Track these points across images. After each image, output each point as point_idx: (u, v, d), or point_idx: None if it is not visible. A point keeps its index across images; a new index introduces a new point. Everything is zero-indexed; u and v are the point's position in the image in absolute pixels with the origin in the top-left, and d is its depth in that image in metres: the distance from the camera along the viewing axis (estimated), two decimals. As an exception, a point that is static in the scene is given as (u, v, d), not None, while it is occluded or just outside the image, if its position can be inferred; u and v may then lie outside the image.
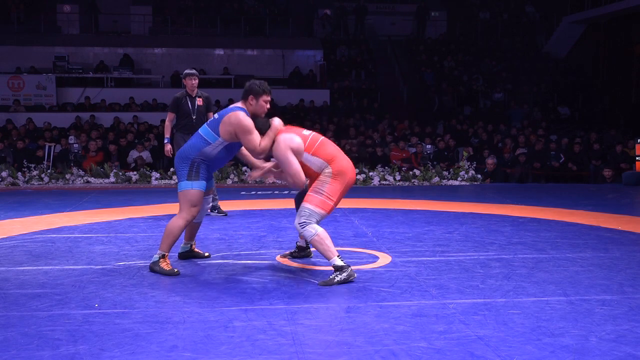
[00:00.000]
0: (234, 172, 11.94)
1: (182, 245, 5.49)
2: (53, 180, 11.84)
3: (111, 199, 9.51)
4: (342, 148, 6.73)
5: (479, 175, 12.28)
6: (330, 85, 20.17)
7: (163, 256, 4.95)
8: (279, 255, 5.54)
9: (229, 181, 11.78)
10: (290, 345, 3.38)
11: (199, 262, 5.32)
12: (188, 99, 7.77)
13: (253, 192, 10.45)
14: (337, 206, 5.03)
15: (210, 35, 22.10)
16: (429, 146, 14.12)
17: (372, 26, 23.56)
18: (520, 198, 9.70)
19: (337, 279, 4.64)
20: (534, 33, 23.31)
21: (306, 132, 4.99)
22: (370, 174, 11.96)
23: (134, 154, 13.51)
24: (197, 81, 7.85)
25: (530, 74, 20.55)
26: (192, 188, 4.87)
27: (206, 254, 5.55)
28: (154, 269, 4.93)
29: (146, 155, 13.54)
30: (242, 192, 10.47)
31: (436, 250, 5.82)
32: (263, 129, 4.89)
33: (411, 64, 21.50)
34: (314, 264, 5.32)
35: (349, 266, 4.73)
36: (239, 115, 4.79)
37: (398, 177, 11.99)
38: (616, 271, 5.06)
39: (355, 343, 3.42)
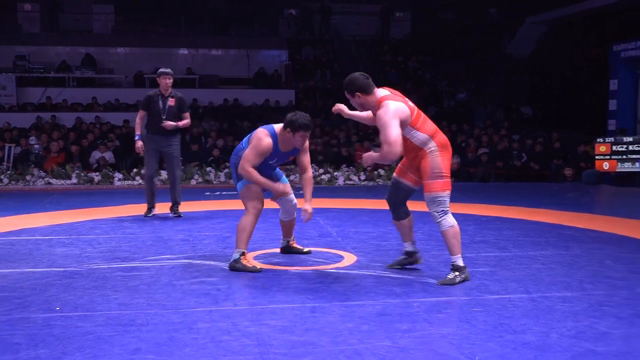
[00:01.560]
0: (198, 172, 11.86)
1: (281, 241, 5.74)
2: (13, 182, 11.64)
3: (73, 200, 9.38)
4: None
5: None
6: (295, 85, 20.17)
7: (243, 253, 5.03)
8: (387, 265, 5.24)
9: (193, 181, 11.70)
10: (255, 345, 3.37)
11: (163, 264, 5.27)
12: (160, 99, 7.70)
13: (217, 193, 10.39)
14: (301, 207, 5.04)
15: (174, 35, 21.94)
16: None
17: (337, 26, 23.62)
18: (483, 197, 9.80)
19: (458, 279, 4.63)
20: (497, 34, 23.59)
21: (410, 103, 4.75)
22: (335, 173, 11.99)
23: (96, 154, 13.35)
24: (171, 81, 7.78)
25: (493, 75, 20.79)
26: (243, 186, 5.11)
27: (306, 250, 5.68)
28: (235, 267, 4.99)
29: (109, 155, 13.38)
30: (207, 193, 10.41)
31: (400, 250, 5.83)
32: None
33: (376, 64, 21.60)
34: (279, 264, 5.31)
35: (466, 268, 4.72)
36: (262, 134, 5.02)
37: (363, 177, 12.04)
38: (576, 268, 5.14)
39: (319, 343, 3.42)
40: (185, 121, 7.81)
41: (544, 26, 21.45)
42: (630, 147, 12.00)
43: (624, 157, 12.02)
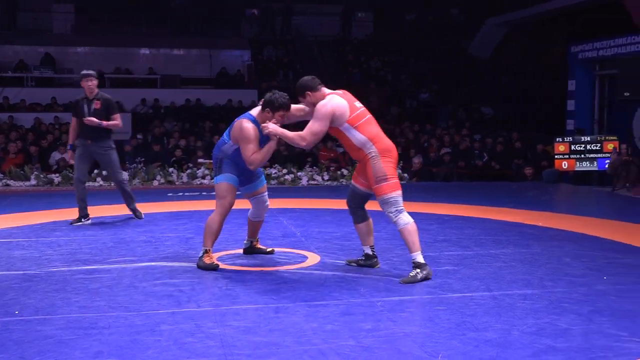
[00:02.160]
0: (161, 173, 11.76)
1: (244, 241, 5.72)
2: (-30, 184, 11.40)
3: (32, 202, 9.22)
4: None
5: (406, 175, 12.45)
6: (258, 85, 20.10)
7: (206, 251, 5.09)
8: (346, 260, 5.38)
9: (155, 182, 11.60)
10: (219, 347, 3.36)
11: (125, 266, 5.21)
12: (85, 102, 7.47)
13: (180, 194, 10.31)
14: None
15: (135, 35, 21.67)
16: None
17: (299, 26, 23.60)
18: (445, 196, 9.89)
19: (419, 276, 4.70)
20: (459, 34, 23.80)
21: (358, 104, 4.96)
22: (299, 174, 11.99)
23: (56, 155, 13.13)
24: (94, 82, 7.51)
25: (455, 75, 20.98)
26: (218, 182, 5.08)
27: (269, 250, 5.66)
28: (198, 264, 5.09)
29: (69, 156, 13.17)
30: (169, 194, 10.32)
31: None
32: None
33: (338, 65, 21.64)
34: (243, 265, 5.29)
35: (427, 265, 4.78)
36: (242, 123, 4.97)
37: (326, 177, 12.05)
38: (537, 266, 5.22)
39: (284, 343, 3.42)
40: (114, 122, 7.44)
41: (505, 27, 21.71)
42: (588, 147, 12.22)
43: (583, 156, 12.24)
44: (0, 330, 3.60)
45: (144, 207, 8.23)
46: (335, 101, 4.82)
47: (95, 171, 11.62)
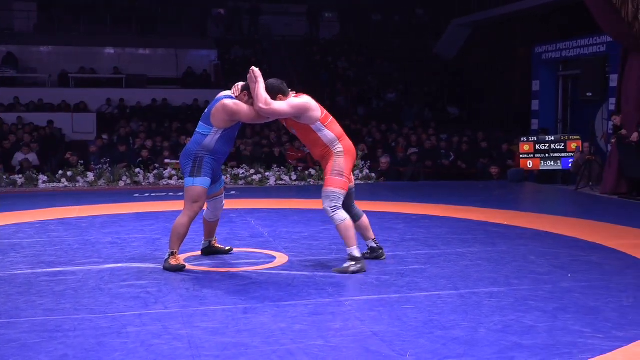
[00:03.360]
0: (127, 174, 11.64)
1: (202, 242, 5.65)
2: None
3: (-5, 204, 9.05)
4: (237, 149, 6.70)
5: (373, 174, 12.50)
6: (225, 85, 19.98)
7: (172, 254, 5.03)
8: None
9: (122, 183, 11.48)
10: (187, 349, 3.34)
11: (91, 268, 5.14)
12: None
13: (147, 195, 10.22)
14: (234, 207, 5.03)
15: (100, 34, 21.41)
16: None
17: (266, 26, 23.55)
18: (412, 196, 9.95)
19: (353, 268, 4.91)
20: (424, 35, 23.96)
21: (321, 108, 5.09)
22: (267, 174, 11.96)
23: (19, 156, 12.93)
24: None
25: (421, 75, 21.12)
26: (194, 184, 5.00)
27: (227, 248, 5.65)
28: (164, 267, 5.05)
29: (32, 157, 12.98)
30: (136, 195, 10.22)
31: (332, 249, 5.88)
32: (275, 89, 4.97)
33: (306, 65, 21.64)
34: (210, 265, 5.26)
35: (363, 259, 4.99)
36: (224, 102, 4.96)
37: (294, 177, 12.04)
38: (503, 264, 5.28)
39: (252, 344, 3.41)
40: None
41: (470, 28, 21.92)
42: (553, 146, 12.40)
43: (547, 155, 12.41)
44: (-37, 334, 3.54)
45: (109, 209, 8.15)
46: (309, 99, 5.00)
47: (60, 172, 11.47)
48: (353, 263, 4.94)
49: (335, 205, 4.93)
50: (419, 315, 3.91)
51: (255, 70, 4.94)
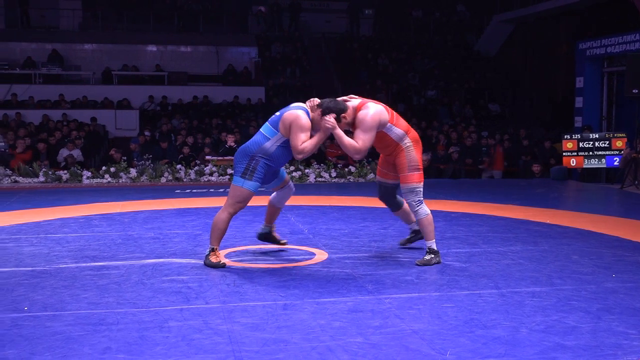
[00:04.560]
0: (168, 170, 11.78)
1: (262, 226, 5.59)
2: (-22, 180, 11.44)
3: (40, 199, 9.24)
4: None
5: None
6: (265, 82, 20.10)
7: (213, 249, 5.08)
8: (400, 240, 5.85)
9: (163, 179, 11.62)
10: (227, 344, 3.36)
11: (133, 263, 5.22)
12: None
13: (188, 191, 10.33)
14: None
15: (142, 31, 21.70)
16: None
17: (306, 23, 23.58)
18: (453, 193, 9.87)
19: (434, 261, 5.12)
20: (465, 31, 23.75)
21: (382, 104, 5.17)
22: (306, 171, 11.99)
23: (64, 152, 13.18)
24: None
25: (461, 72, 20.94)
26: (243, 186, 4.99)
27: (283, 241, 5.65)
28: (205, 262, 5.09)
29: (77, 153, 13.23)
30: (177, 191, 10.34)
31: (372, 246, 5.87)
32: (338, 109, 4.99)
33: (345, 61, 21.61)
34: (250, 261, 5.30)
35: (439, 252, 5.22)
36: (297, 112, 4.96)
37: (334, 174, 12.05)
38: (545, 263, 5.21)
39: (292, 340, 3.42)
40: None
41: (511, 24, 21.67)
42: (597, 144, 12.19)
43: (591, 153, 12.20)
44: (10, 326, 3.62)
45: (151, 204, 8.25)
46: (376, 109, 5.02)
47: (103, 168, 11.66)
48: (433, 256, 5.14)
49: (420, 199, 5.14)
50: (459, 314, 3.88)
51: (331, 121, 4.92)
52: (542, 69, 20.51)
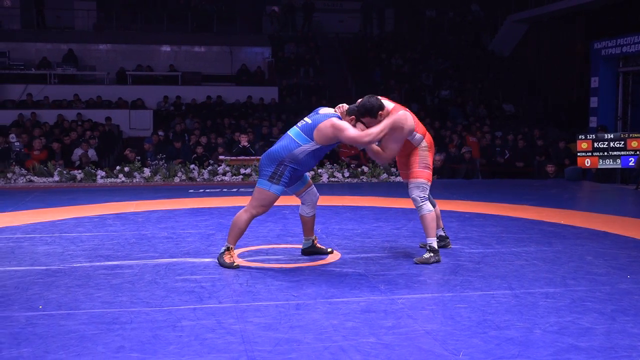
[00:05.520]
0: (182, 170, 11.82)
1: (304, 241, 5.55)
2: (-6, 180, 11.53)
3: (55, 198, 9.31)
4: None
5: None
6: (278, 82, 20.13)
7: (228, 248, 5.09)
8: (421, 243, 5.84)
9: (177, 179, 11.66)
10: (240, 343, 3.37)
11: (147, 262, 5.24)
12: None
13: (201, 190, 10.36)
14: (287, 204, 5.06)
15: (156, 32, 21.80)
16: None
17: (319, 23, 23.60)
18: (466, 194, 9.84)
19: (433, 260, 5.16)
20: (479, 31, 23.67)
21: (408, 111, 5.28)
22: (319, 171, 11.99)
23: (78, 152, 13.26)
24: None
25: (475, 72, 20.87)
26: (270, 190, 4.96)
27: (329, 250, 5.59)
28: (219, 260, 5.11)
29: (91, 153, 13.30)
30: (190, 190, 10.37)
31: (385, 247, 5.86)
32: (375, 109, 5.01)
33: (359, 61, 21.59)
34: (263, 261, 5.31)
35: (439, 251, 5.27)
36: (333, 120, 4.90)
37: (347, 174, 12.04)
38: (559, 264, 5.18)
39: (304, 340, 3.42)
40: None
41: (525, 24, 21.58)
42: (612, 144, 12.11)
43: (605, 153, 12.13)
44: (25, 324, 3.64)
45: (165, 204, 8.27)
46: (408, 119, 5.13)
47: (117, 167, 11.72)
48: (432, 255, 5.17)
49: (425, 196, 5.22)
50: (472, 314, 3.87)
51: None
52: (557, 69, 20.41)
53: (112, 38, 21.29)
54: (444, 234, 5.75)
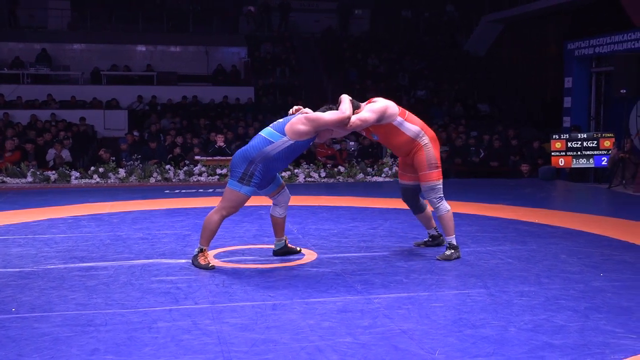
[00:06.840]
0: (157, 170, 11.75)
1: (275, 242, 5.51)
2: (-34, 181, 11.37)
3: (28, 200, 9.20)
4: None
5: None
6: (254, 82, 20.08)
7: (201, 250, 5.07)
8: (414, 242, 5.97)
9: (152, 180, 11.59)
10: (216, 344, 3.36)
11: (122, 263, 5.20)
12: None
13: (177, 191, 10.31)
14: (263, 204, 5.05)
15: (132, 31, 21.65)
16: (352, 143, 14.25)
17: (295, 23, 23.59)
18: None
19: (454, 256, 5.29)
20: (455, 31, 23.81)
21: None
22: (296, 171, 11.98)
23: (52, 152, 13.12)
24: None
25: (451, 72, 20.99)
26: (240, 191, 4.95)
27: (298, 249, 5.61)
28: (193, 262, 5.08)
29: (65, 154, 13.17)
30: (166, 191, 10.31)
31: (361, 246, 5.88)
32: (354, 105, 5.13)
33: (335, 62, 21.61)
34: (239, 262, 5.29)
35: (459, 247, 5.39)
36: (305, 114, 4.98)
37: (323, 174, 12.05)
38: (533, 263, 5.23)
39: (281, 340, 3.42)
40: None
41: (500, 24, 21.75)
42: (585, 144, 12.24)
43: (579, 153, 12.26)
44: (-3, 327, 3.60)
45: (140, 205, 8.22)
46: (384, 100, 5.24)
47: (92, 168, 11.62)
48: (453, 251, 5.30)
49: (441, 196, 5.32)
50: (448, 313, 3.89)
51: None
52: (532, 69, 20.57)
53: (86, 38, 21.10)
54: (436, 233, 5.85)
